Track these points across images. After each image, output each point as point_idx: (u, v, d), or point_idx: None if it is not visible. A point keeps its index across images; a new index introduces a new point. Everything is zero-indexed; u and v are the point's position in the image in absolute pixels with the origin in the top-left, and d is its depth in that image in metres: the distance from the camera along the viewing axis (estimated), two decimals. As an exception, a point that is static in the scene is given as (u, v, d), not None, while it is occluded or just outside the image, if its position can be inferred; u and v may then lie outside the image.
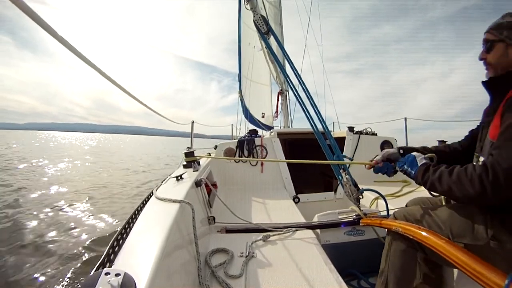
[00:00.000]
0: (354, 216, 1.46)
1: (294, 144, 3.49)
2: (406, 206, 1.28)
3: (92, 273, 0.53)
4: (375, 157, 1.25)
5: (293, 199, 2.46)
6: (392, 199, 2.16)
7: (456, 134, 1.20)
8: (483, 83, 0.92)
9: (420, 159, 0.97)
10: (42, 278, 2.63)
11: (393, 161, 1.17)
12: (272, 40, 1.94)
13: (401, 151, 1.19)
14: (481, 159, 0.90)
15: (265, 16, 1.86)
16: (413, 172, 0.95)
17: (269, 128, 5.26)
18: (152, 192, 1.27)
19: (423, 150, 1.18)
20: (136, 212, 1.31)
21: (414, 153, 1.01)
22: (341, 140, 2.93)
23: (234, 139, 2.95)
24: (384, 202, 1.55)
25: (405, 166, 1.00)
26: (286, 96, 5.57)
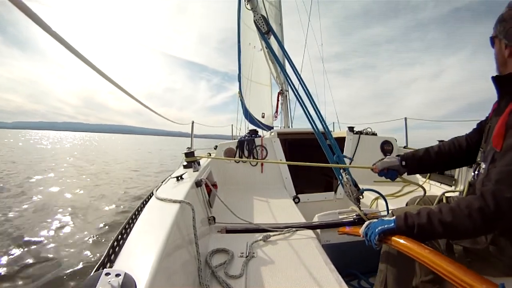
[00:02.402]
0: (355, 216, 1.46)
1: (294, 144, 3.49)
2: (407, 205, 1.28)
3: (92, 273, 0.53)
4: (376, 162, 1.27)
5: (293, 199, 2.45)
6: (392, 199, 2.16)
7: (449, 134, 1.17)
8: (492, 78, 0.90)
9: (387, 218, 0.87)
10: (42, 279, 2.63)
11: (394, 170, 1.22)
12: (272, 40, 1.94)
13: (403, 162, 1.19)
14: (483, 166, 0.87)
15: (266, 16, 1.86)
16: (391, 224, 0.81)
17: (269, 128, 5.25)
18: (152, 192, 1.27)
19: (426, 152, 1.17)
20: (136, 212, 1.31)
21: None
22: (341, 140, 2.93)
23: (234, 139, 2.96)
24: (384, 202, 1.55)
25: (375, 230, 0.84)
26: (286, 96, 5.57)
